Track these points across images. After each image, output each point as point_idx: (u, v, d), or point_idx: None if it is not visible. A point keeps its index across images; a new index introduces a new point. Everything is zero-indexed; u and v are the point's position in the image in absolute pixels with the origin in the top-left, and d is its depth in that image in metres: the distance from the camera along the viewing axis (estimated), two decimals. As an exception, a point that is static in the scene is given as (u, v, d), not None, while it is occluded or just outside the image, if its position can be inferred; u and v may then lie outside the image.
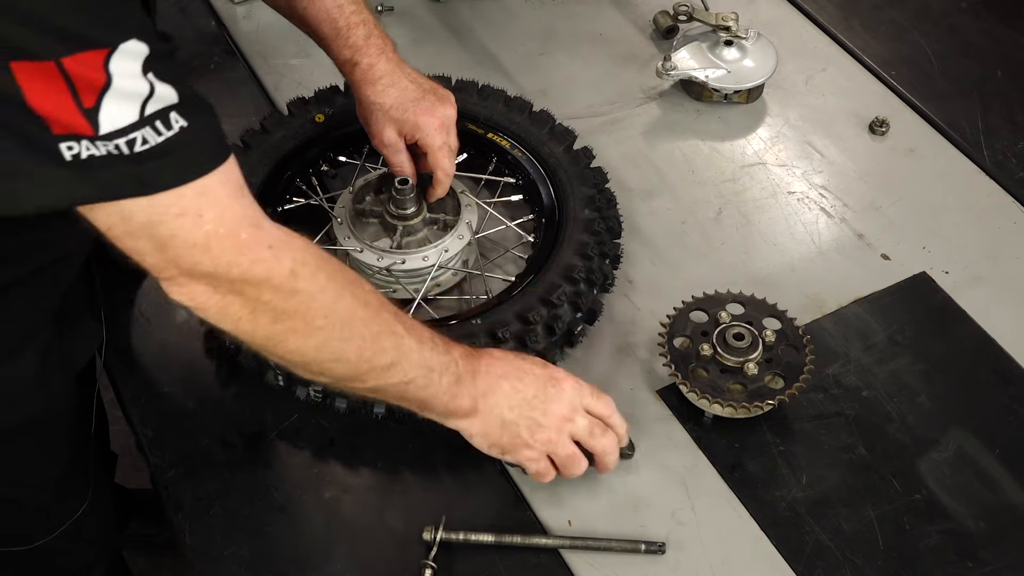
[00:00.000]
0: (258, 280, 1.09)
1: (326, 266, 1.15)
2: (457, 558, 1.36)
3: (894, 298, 1.64)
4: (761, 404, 1.43)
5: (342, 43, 1.53)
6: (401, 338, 1.21)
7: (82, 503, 1.65)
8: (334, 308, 1.15)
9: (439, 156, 1.55)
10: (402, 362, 1.21)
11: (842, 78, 2.00)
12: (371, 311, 1.19)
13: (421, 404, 1.28)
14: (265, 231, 1.09)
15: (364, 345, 1.18)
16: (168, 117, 0.99)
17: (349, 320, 1.16)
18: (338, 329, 1.15)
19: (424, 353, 1.23)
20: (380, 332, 1.19)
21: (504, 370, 1.31)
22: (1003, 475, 1.44)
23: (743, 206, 1.78)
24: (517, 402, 1.31)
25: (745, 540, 1.38)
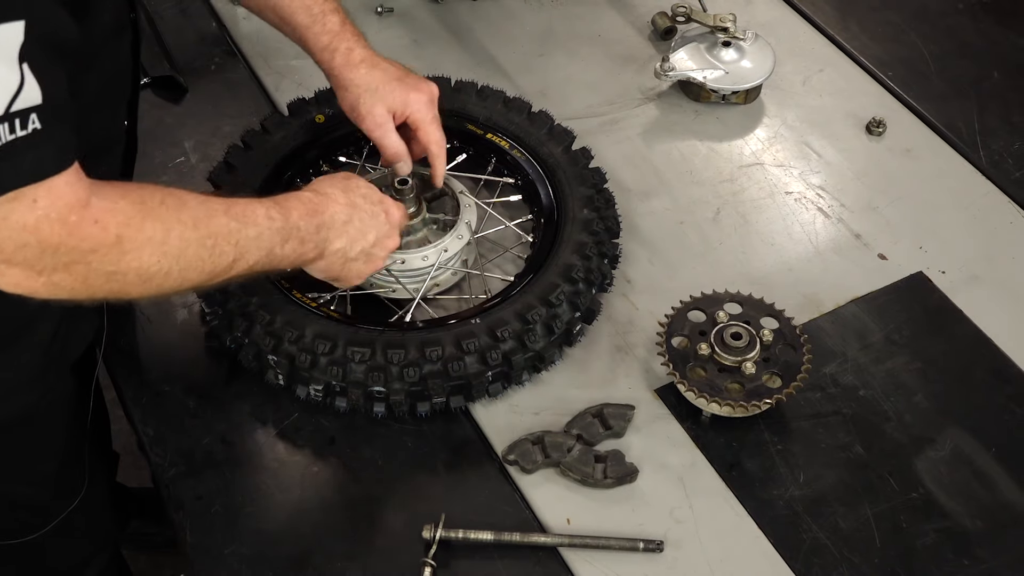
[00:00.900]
0: (85, 253, 1.10)
1: (151, 212, 1.15)
2: (456, 556, 1.37)
3: (891, 298, 1.65)
4: (759, 403, 1.44)
5: (319, 30, 1.54)
6: (237, 234, 1.24)
7: (75, 498, 1.65)
8: (165, 249, 1.16)
9: (431, 129, 1.56)
10: (244, 255, 1.25)
11: (839, 79, 2.00)
12: (201, 229, 1.20)
13: (271, 271, 1.35)
14: (91, 208, 1.09)
15: (203, 261, 1.21)
16: (28, 118, 1.01)
17: (183, 251, 1.18)
18: (175, 262, 1.18)
19: (263, 237, 1.27)
20: (215, 243, 1.22)
21: (348, 211, 1.39)
22: (999, 474, 1.45)
23: (741, 206, 1.78)
24: (359, 246, 1.40)
25: (743, 538, 1.39)
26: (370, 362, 1.43)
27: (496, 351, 1.45)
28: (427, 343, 1.44)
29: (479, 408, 1.51)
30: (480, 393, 1.48)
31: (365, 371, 1.43)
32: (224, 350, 1.53)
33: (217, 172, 1.66)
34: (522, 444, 1.45)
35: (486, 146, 1.74)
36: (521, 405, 1.51)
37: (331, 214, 1.37)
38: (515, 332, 1.47)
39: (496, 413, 1.51)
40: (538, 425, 1.48)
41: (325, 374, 1.44)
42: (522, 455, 1.44)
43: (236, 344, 1.50)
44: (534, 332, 1.47)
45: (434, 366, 1.44)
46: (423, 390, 1.45)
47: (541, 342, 1.49)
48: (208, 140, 1.86)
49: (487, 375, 1.47)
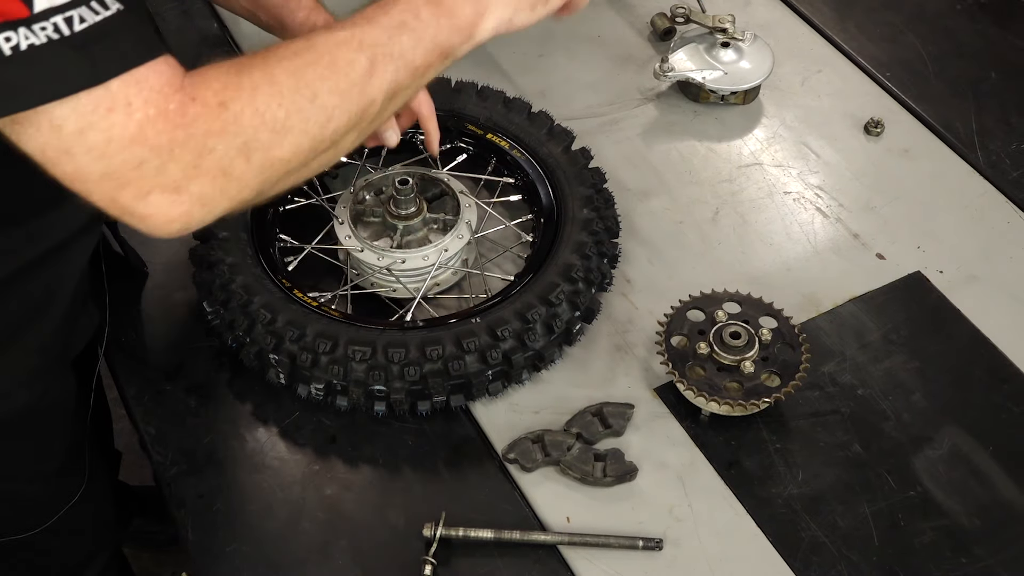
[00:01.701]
0: (201, 138, 0.96)
1: (244, 66, 1.01)
2: (456, 554, 1.37)
3: (889, 297, 1.65)
4: (757, 402, 1.45)
5: (294, 5, 1.49)
6: (350, 35, 1.07)
7: (76, 495, 1.66)
8: (278, 86, 1.01)
9: (419, 95, 1.52)
10: (376, 53, 1.07)
11: (837, 79, 2.01)
12: (305, 54, 1.04)
13: (442, 55, 1.13)
14: (184, 89, 0.96)
15: (330, 78, 1.04)
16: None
17: (296, 86, 1.02)
18: (296, 95, 1.02)
19: (383, 20, 1.09)
20: (332, 57, 1.05)
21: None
22: (997, 472, 1.46)
23: (740, 206, 1.79)
24: None
25: (742, 536, 1.39)
26: (371, 361, 1.44)
27: (496, 350, 1.46)
28: (427, 342, 1.45)
29: (479, 407, 1.51)
30: (480, 392, 1.49)
31: (366, 370, 1.44)
32: (225, 349, 1.54)
33: (218, 172, 1.66)
34: (522, 443, 1.46)
35: (486, 146, 1.74)
36: (521, 404, 1.52)
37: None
38: (515, 331, 1.47)
39: (496, 412, 1.51)
40: (538, 424, 1.49)
41: (326, 373, 1.45)
42: (522, 454, 1.45)
43: (237, 343, 1.51)
44: (534, 331, 1.48)
45: (434, 365, 1.44)
46: (424, 389, 1.46)
47: (541, 341, 1.50)
48: (209, 140, 1.86)
49: (487, 374, 1.47)
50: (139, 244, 1.68)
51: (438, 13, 1.12)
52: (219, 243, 1.55)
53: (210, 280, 1.54)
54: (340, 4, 1.59)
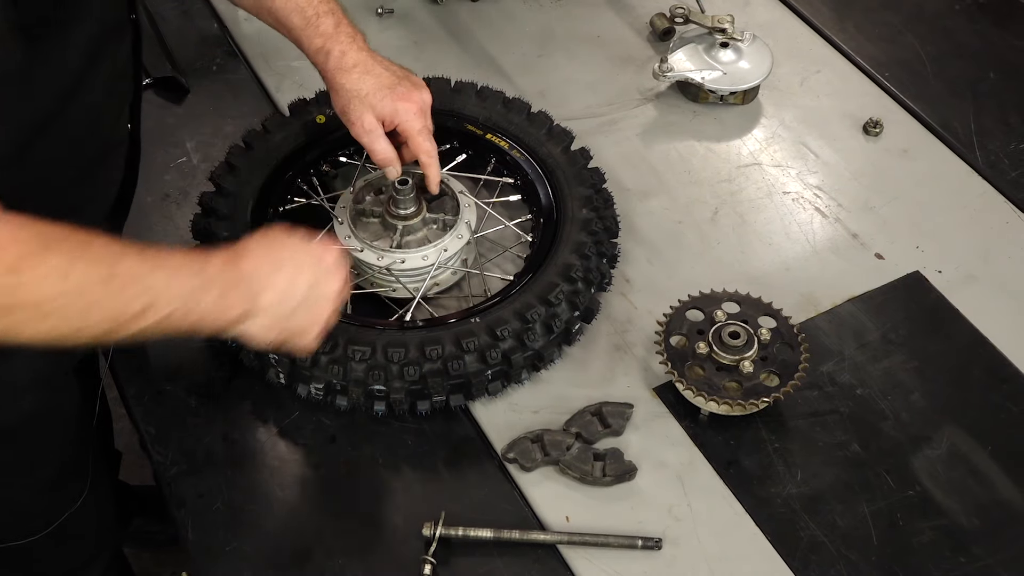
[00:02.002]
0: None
1: (54, 243, 1.08)
2: (456, 553, 1.38)
3: (888, 297, 1.66)
4: (756, 401, 1.45)
5: (312, 32, 1.53)
6: (148, 278, 1.15)
7: (78, 500, 1.66)
8: (65, 286, 1.08)
9: (420, 140, 1.56)
10: (155, 302, 1.15)
11: (836, 79, 2.01)
12: (105, 268, 1.12)
13: (192, 328, 1.21)
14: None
15: (107, 305, 1.12)
16: None
17: (84, 289, 1.10)
18: (75, 301, 1.10)
19: (178, 282, 1.17)
20: (123, 284, 1.13)
21: (273, 263, 1.27)
22: (995, 472, 1.46)
23: (739, 206, 1.79)
24: (296, 294, 1.27)
25: (741, 536, 1.40)
26: (370, 361, 1.44)
27: (496, 350, 1.46)
28: (427, 342, 1.45)
29: (479, 406, 1.52)
30: (480, 392, 1.49)
31: (365, 370, 1.44)
32: (225, 349, 1.54)
33: (219, 172, 1.67)
34: (521, 442, 1.46)
35: (486, 146, 1.75)
36: (520, 403, 1.52)
37: (254, 265, 1.25)
38: (514, 331, 1.47)
39: (496, 411, 1.51)
40: (537, 423, 1.49)
41: (326, 373, 1.45)
42: (521, 453, 1.45)
43: (237, 343, 1.51)
44: (533, 331, 1.48)
45: (434, 365, 1.45)
46: (423, 389, 1.46)
47: (540, 341, 1.50)
48: (210, 140, 1.87)
49: (487, 374, 1.48)
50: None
51: (222, 302, 1.21)
52: (219, 243, 1.55)
53: (210, 280, 1.54)
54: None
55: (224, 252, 1.24)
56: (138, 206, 1.58)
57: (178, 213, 1.76)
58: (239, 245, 1.27)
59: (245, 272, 1.24)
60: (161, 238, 1.72)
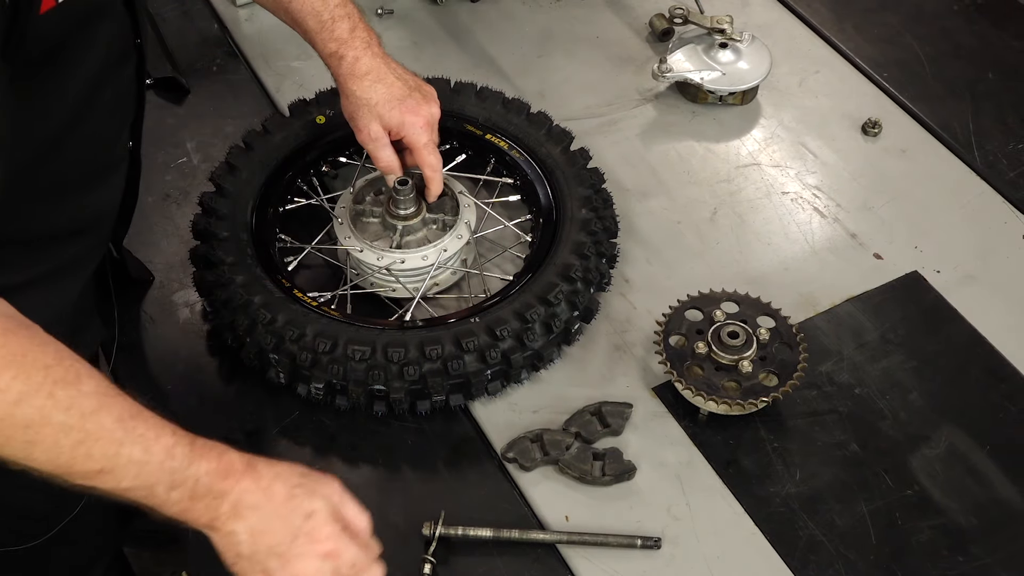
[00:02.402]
0: None
1: (21, 365, 1.03)
2: (456, 553, 1.38)
3: (886, 297, 1.66)
4: (755, 401, 1.45)
5: (327, 36, 1.54)
6: (118, 446, 1.06)
7: (79, 503, 1.66)
8: (19, 409, 1.02)
9: (424, 153, 1.57)
10: (114, 472, 1.07)
11: (835, 80, 2.02)
12: (74, 417, 1.04)
13: (155, 511, 1.12)
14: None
15: (58, 452, 1.05)
16: None
17: (37, 424, 1.03)
18: (21, 431, 1.03)
19: (148, 468, 1.08)
20: (84, 440, 1.05)
21: (256, 501, 1.13)
22: (994, 471, 1.46)
23: (738, 206, 1.80)
24: (264, 543, 1.13)
25: (740, 535, 1.40)
26: (370, 361, 1.44)
27: (495, 350, 1.47)
28: (427, 342, 1.45)
29: (478, 406, 1.52)
30: (479, 391, 1.50)
31: (365, 369, 1.44)
32: (226, 348, 1.55)
33: (219, 172, 1.67)
34: (521, 442, 1.46)
35: (485, 146, 1.75)
36: (520, 403, 1.53)
37: (242, 489, 1.12)
38: (514, 331, 1.48)
39: (495, 411, 1.52)
40: (537, 423, 1.49)
41: (326, 372, 1.45)
42: (521, 453, 1.45)
43: (238, 343, 1.52)
44: (533, 331, 1.49)
45: (434, 364, 1.45)
46: (423, 388, 1.46)
47: (540, 341, 1.50)
48: (210, 141, 1.87)
49: (486, 373, 1.48)
50: (141, 245, 1.69)
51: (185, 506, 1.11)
52: (219, 243, 1.56)
53: (211, 280, 1.54)
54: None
55: (226, 458, 1.13)
56: (139, 206, 1.58)
57: (178, 213, 1.76)
58: (258, 459, 1.16)
59: (228, 489, 1.12)
60: (161, 238, 1.72)
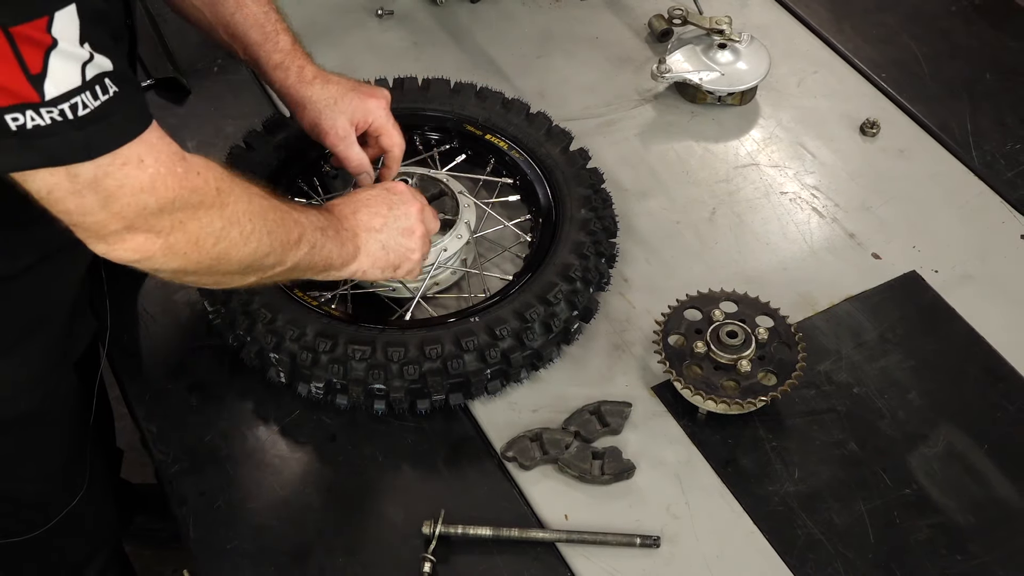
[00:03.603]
0: (196, 205, 1.15)
1: (231, 176, 1.22)
2: (456, 551, 1.38)
3: (885, 296, 1.66)
4: (754, 400, 1.46)
5: (271, 47, 1.55)
6: (295, 213, 1.31)
7: (76, 495, 1.67)
8: (251, 209, 1.23)
9: (393, 133, 1.60)
10: (305, 233, 1.31)
11: (834, 80, 2.02)
12: (268, 201, 1.27)
13: (325, 264, 1.37)
14: (190, 161, 1.15)
15: (279, 230, 1.27)
16: (104, 83, 1.03)
17: (263, 214, 1.24)
18: (261, 224, 1.24)
19: (311, 218, 1.34)
20: (283, 216, 1.28)
21: (357, 208, 1.43)
22: (992, 470, 1.47)
23: (736, 206, 1.80)
24: (382, 224, 1.43)
25: (738, 534, 1.40)
26: (370, 360, 1.45)
27: (495, 349, 1.47)
28: (427, 341, 1.46)
29: (478, 405, 1.53)
30: (479, 391, 1.50)
31: (366, 369, 1.45)
32: (226, 348, 1.55)
33: (219, 172, 1.67)
34: (520, 441, 1.47)
35: (485, 147, 1.75)
36: (520, 402, 1.53)
37: (347, 212, 1.42)
38: (514, 330, 1.48)
39: (495, 410, 1.52)
40: (536, 422, 1.50)
41: (326, 372, 1.46)
42: (520, 452, 1.46)
43: (238, 342, 1.52)
44: (532, 330, 1.49)
45: (434, 364, 1.45)
46: (423, 388, 1.47)
47: (539, 340, 1.51)
48: (211, 141, 1.87)
49: (486, 373, 1.49)
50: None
51: (337, 239, 1.38)
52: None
53: (211, 280, 1.55)
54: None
55: (321, 208, 1.41)
56: (139, 206, 1.58)
57: (179, 213, 1.76)
58: (330, 204, 1.44)
59: (346, 214, 1.42)
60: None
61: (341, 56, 1.96)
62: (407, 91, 1.78)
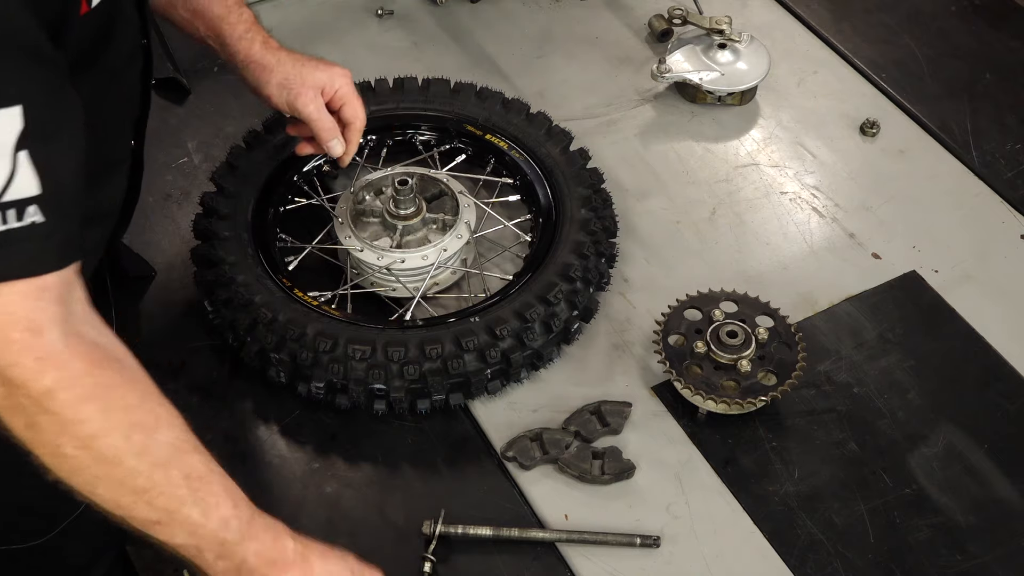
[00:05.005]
0: (13, 383, 1.01)
1: (107, 399, 1.06)
2: (456, 551, 1.38)
3: (885, 296, 1.67)
4: (754, 400, 1.46)
5: (235, 19, 1.54)
6: (180, 504, 1.10)
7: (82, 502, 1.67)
8: (93, 443, 1.05)
9: (356, 104, 1.57)
10: (171, 525, 1.11)
11: (833, 80, 2.02)
12: (145, 464, 1.08)
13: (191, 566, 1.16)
14: (43, 341, 1.01)
15: (121, 494, 1.09)
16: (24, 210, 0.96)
17: (111, 461, 1.07)
18: (92, 465, 1.07)
19: (203, 533, 1.12)
20: (150, 491, 1.08)
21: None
22: (991, 470, 1.47)
23: (736, 206, 1.80)
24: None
25: (738, 534, 1.40)
26: (371, 360, 1.45)
27: (495, 349, 1.47)
28: (427, 341, 1.46)
29: (478, 405, 1.53)
30: (479, 390, 1.50)
31: (366, 369, 1.45)
32: (227, 347, 1.55)
33: (220, 172, 1.68)
34: (521, 441, 1.47)
35: (485, 147, 1.75)
36: (520, 402, 1.53)
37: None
38: (514, 330, 1.48)
39: (495, 410, 1.52)
40: (536, 422, 1.50)
41: (326, 372, 1.46)
42: (520, 452, 1.46)
43: (238, 342, 1.52)
44: (532, 330, 1.49)
45: (434, 364, 1.46)
46: (423, 387, 1.47)
47: (539, 340, 1.51)
48: (211, 141, 1.88)
49: (486, 373, 1.49)
50: (142, 245, 1.69)
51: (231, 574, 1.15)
52: (220, 243, 1.56)
53: (211, 279, 1.55)
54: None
55: (279, 544, 1.17)
56: (140, 206, 1.58)
57: (179, 213, 1.76)
58: (308, 545, 1.20)
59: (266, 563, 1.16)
60: (162, 238, 1.73)
61: (341, 56, 1.95)
62: (407, 91, 1.78)
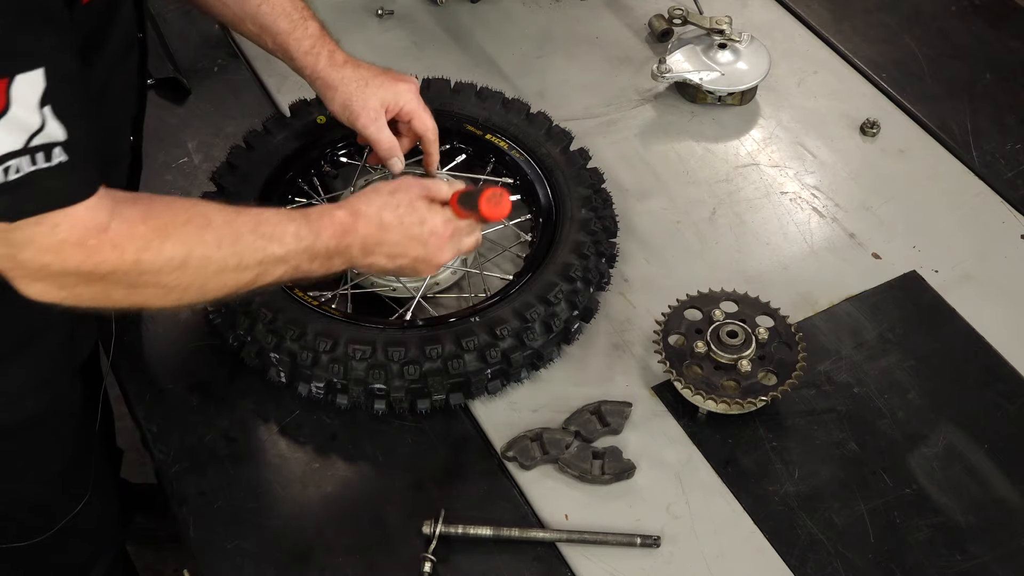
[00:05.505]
0: (104, 274, 1.15)
1: (172, 234, 1.18)
2: (456, 551, 1.38)
3: (885, 296, 1.67)
4: (754, 400, 1.46)
5: (301, 35, 1.56)
6: (262, 252, 1.26)
7: (81, 500, 1.67)
8: (185, 269, 1.19)
9: (424, 116, 1.59)
10: (268, 271, 1.27)
11: (834, 80, 2.02)
12: (225, 248, 1.22)
13: (300, 280, 1.35)
14: (110, 233, 1.13)
15: (225, 277, 1.24)
16: (51, 151, 1.06)
17: (203, 268, 1.21)
18: (194, 278, 1.21)
19: (289, 256, 1.28)
20: (239, 261, 1.24)
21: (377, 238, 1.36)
22: (991, 470, 1.47)
23: (736, 206, 1.80)
24: (397, 263, 1.39)
25: (738, 533, 1.40)
26: (371, 360, 1.45)
27: (495, 349, 1.47)
28: (427, 341, 1.46)
29: (478, 405, 1.53)
30: (479, 390, 1.50)
31: (366, 369, 1.45)
32: (227, 348, 1.55)
33: (220, 172, 1.68)
34: (521, 441, 1.47)
35: (485, 146, 1.75)
36: (520, 402, 1.53)
37: (362, 237, 1.34)
38: (514, 330, 1.48)
39: (495, 410, 1.52)
40: (537, 422, 1.50)
41: (326, 371, 1.46)
42: (521, 452, 1.46)
43: (239, 342, 1.52)
44: (533, 330, 1.49)
45: (434, 364, 1.46)
46: (423, 387, 1.47)
47: (540, 340, 1.51)
48: (211, 141, 1.88)
49: (486, 373, 1.49)
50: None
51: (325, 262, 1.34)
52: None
53: (211, 280, 1.55)
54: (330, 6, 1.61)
55: (336, 218, 1.33)
56: (140, 206, 1.58)
57: (179, 213, 1.76)
58: (356, 203, 1.36)
59: (352, 242, 1.34)
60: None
61: (341, 56, 1.96)
62: (407, 91, 1.78)
